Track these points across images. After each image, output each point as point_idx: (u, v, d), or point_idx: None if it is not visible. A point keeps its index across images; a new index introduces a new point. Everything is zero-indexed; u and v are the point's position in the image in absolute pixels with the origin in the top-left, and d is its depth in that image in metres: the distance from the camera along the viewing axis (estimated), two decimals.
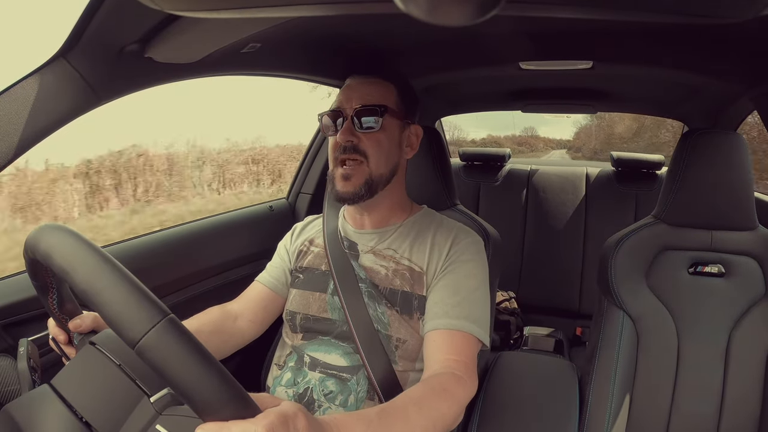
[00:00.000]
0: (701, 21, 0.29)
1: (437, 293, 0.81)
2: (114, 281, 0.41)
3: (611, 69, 1.20)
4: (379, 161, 0.83)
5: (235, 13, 0.37)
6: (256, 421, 0.40)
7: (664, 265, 0.99)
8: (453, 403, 0.67)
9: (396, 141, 0.86)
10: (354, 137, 0.82)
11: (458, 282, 0.81)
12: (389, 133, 0.84)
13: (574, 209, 2.05)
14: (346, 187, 0.82)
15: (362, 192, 0.82)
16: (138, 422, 0.49)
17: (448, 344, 0.75)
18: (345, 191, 0.82)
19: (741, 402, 0.92)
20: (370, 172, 0.82)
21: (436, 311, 0.79)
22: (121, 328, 0.39)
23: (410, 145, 0.90)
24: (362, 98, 0.83)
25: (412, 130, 0.89)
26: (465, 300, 0.79)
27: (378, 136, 0.83)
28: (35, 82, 0.64)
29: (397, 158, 0.86)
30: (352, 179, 0.82)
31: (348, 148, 0.82)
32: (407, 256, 0.85)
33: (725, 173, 0.92)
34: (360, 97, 0.83)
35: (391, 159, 0.85)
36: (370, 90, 0.84)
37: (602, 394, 0.95)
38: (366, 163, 0.82)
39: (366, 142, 0.82)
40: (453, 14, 0.23)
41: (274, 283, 0.95)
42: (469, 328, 0.77)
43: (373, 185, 0.83)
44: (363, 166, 0.82)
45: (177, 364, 0.38)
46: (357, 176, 0.82)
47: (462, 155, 2.24)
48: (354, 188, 0.82)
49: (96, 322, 0.63)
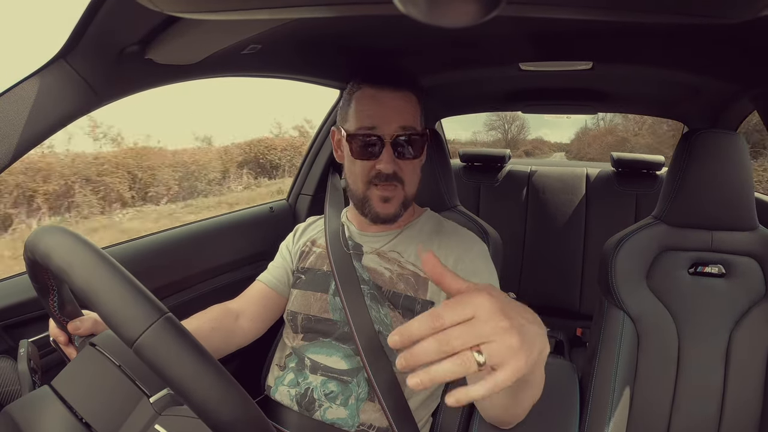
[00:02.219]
0: (701, 21, 0.29)
1: None
2: (112, 280, 0.41)
3: (611, 69, 1.20)
4: (413, 184, 0.84)
5: (235, 14, 0.37)
6: (427, 312, 0.40)
7: (665, 266, 0.99)
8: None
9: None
10: (396, 166, 0.80)
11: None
12: (422, 155, 0.84)
13: (574, 210, 2.05)
14: (387, 209, 0.83)
15: (400, 212, 0.84)
16: (138, 422, 0.49)
17: None
18: (386, 213, 0.83)
19: (741, 402, 0.92)
20: (405, 195, 0.83)
21: None
22: (119, 327, 0.39)
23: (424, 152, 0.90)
24: (401, 120, 0.79)
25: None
26: None
27: (416, 162, 0.83)
28: (35, 84, 0.64)
29: (420, 173, 0.88)
30: (392, 201, 0.82)
31: (390, 176, 0.80)
32: (412, 261, 0.85)
33: (725, 173, 0.91)
34: (398, 118, 0.79)
35: (419, 177, 0.86)
36: (406, 109, 0.80)
37: (603, 394, 0.95)
38: (402, 187, 0.82)
39: (404, 169, 0.81)
40: (452, 15, 0.23)
41: (275, 283, 0.95)
42: None
43: (407, 204, 0.85)
44: (399, 190, 0.82)
45: (174, 362, 0.38)
46: (395, 199, 0.82)
47: (462, 156, 2.24)
48: (395, 210, 0.83)
49: (96, 324, 0.63)
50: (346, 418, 0.79)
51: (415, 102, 0.83)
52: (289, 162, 9.57)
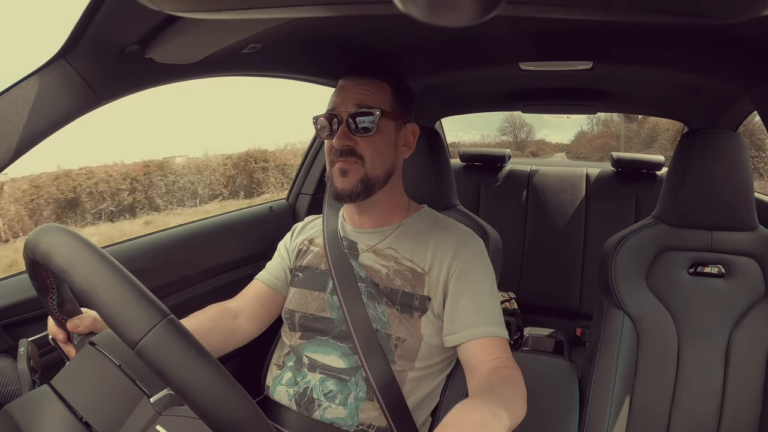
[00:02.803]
0: (701, 21, 0.29)
1: (461, 304, 0.81)
2: (113, 282, 0.41)
3: (611, 69, 1.20)
4: (375, 163, 0.83)
5: (234, 14, 0.37)
6: None
7: (665, 266, 0.99)
8: (521, 382, 0.73)
9: (392, 142, 0.86)
10: (350, 141, 0.82)
11: (477, 288, 0.82)
12: (385, 134, 0.84)
13: (574, 210, 2.05)
14: (344, 183, 0.82)
15: (359, 189, 0.82)
16: (138, 423, 0.49)
17: (489, 350, 0.78)
18: (342, 188, 0.82)
19: (741, 402, 0.92)
20: (365, 172, 0.82)
21: (466, 322, 0.80)
22: (121, 329, 0.39)
23: (407, 144, 0.89)
24: (357, 100, 0.82)
25: (409, 128, 0.89)
26: (487, 305, 0.81)
27: (374, 138, 0.82)
28: (35, 83, 0.64)
29: (393, 159, 0.86)
30: (348, 175, 0.82)
31: (344, 151, 0.82)
32: (409, 257, 0.85)
33: (725, 173, 0.91)
34: (354, 99, 0.83)
35: (386, 160, 0.85)
36: (365, 91, 0.84)
37: (602, 394, 0.95)
38: (362, 164, 0.82)
39: (362, 144, 0.82)
40: (452, 15, 0.23)
41: (273, 282, 0.95)
42: (498, 332, 0.80)
43: (369, 184, 0.83)
44: (357, 166, 0.82)
45: (177, 364, 0.38)
46: (353, 173, 0.82)
47: (462, 156, 2.24)
48: (351, 185, 0.82)
49: (95, 322, 0.63)
50: (345, 417, 0.79)
51: (384, 88, 0.85)
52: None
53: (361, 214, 0.90)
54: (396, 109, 0.86)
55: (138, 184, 6.99)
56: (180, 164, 8.00)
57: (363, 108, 0.82)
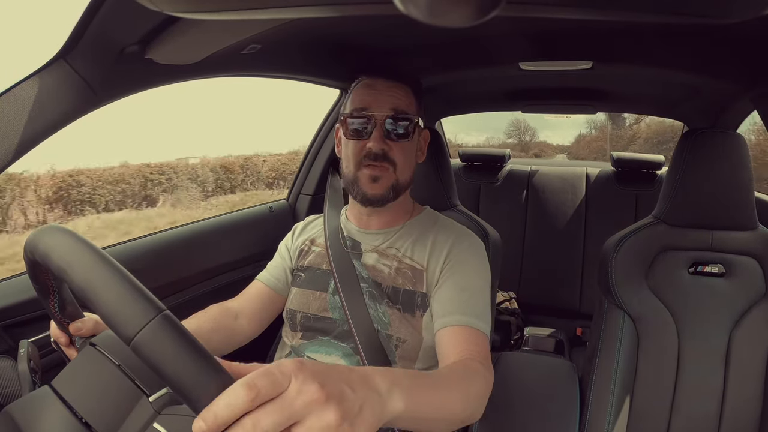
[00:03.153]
0: (701, 21, 0.29)
1: (444, 292, 0.81)
2: (109, 278, 0.41)
3: (611, 69, 1.20)
4: (405, 169, 0.84)
5: (234, 14, 0.37)
6: (235, 382, 0.35)
7: (665, 265, 0.99)
8: (483, 383, 0.66)
9: (417, 148, 0.88)
10: (385, 145, 0.82)
11: (464, 280, 0.81)
12: (414, 141, 0.86)
13: (574, 209, 2.05)
14: (375, 189, 0.83)
15: (390, 196, 0.84)
16: (137, 422, 0.49)
17: (462, 338, 0.75)
18: (374, 193, 0.83)
19: (741, 402, 0.92)
20: (396, 179, 0.83)
21: (446, 309, 0.79)
22: (117, 325, 0.39)
23: (421, 149, 0.91)
24: (392, 104, 0.82)
25: (424, 134, 0.91)
26: (472, 298, 0.80)
27: (407, 145, 0.84)
28: (35, 84, 0.64)
29: (415, 164, 0.88)
30: (380, 182, 0.82)
31: (379, 155, 0.81)
32: (409, 255, 0.86)
33: (725, 173, 0.91)
34: (389, 102, 0.82)
35: (413, 166, 0.87)
36: (399, 95, 0.83)
37: (603, 394, 0.95)
38: (393, 170, 0.83)
39: (395, 150, 0.82)
40: (453, 15, 0.23)
41: (274, 282, 0.95)
42: (477, 324, 0.77)
43: (398, 190, 0.85)
44: (389, 172, 0.83)
45: (172, 359, 0.38)
46: (385, 179, 0.83)
47: (462, 156, 2.24)
48: (383, 190, 0.83)
49: (97, 325, 0.63)
50: None
51: (410, 93, 0.86)
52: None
53: (371, 215, 0.90)
54: (420, 115, 0.87)
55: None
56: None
57: (401, 113, 0.82)
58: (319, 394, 0.35)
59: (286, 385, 0.35)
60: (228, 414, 0.33)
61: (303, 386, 0.35)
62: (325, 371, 0.37)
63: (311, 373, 0.36)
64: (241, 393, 0.33)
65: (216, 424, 0.33)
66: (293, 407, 0.34)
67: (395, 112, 0.82)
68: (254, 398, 0.33)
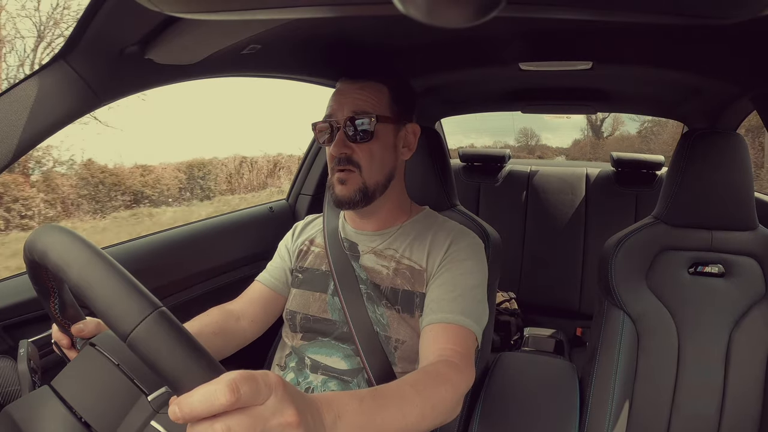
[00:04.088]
0: (701, 21, 0.29)
1: (435, 291, 0.80)
2: (107, 275, 0.41)
3: (611, 69, 1.20)
4: (372, 171, 0.82)
5: (234, 14, 0.37)
6: (219, 379, 0.36)
7: (665, 266, 0.99)
8: (450, 388, 0.64)
9: (390, 146, 0.85)
10: (347, 148, 0.81)
11: (455, 279, 0.80)
12: (382, 140, 0.83)
13: (574, 210, 2.05)
14: (343, 191, 0.82)
15: (357, 198, 0.82)
16: (135, 420, 0.49)
17: (443, 336, 0.74)
18: (341, 195, 0.82)
19: (741, 402, 0.92)
20: (363, 181, 0.82)
21: (432, 307, 0.78)
22: (113, 321, 0.39)
23: (407, 145, 0.88)
24: (353, 105, 0.81)
25: (409, 129, 0.88)
26: (461, 296, 0.78)
27: (370, 146, 0.82)
28: (35, 84, 0.64)
29: (392, 162, 0.85)
30: (347, 184, 0.82)
31: (342, 159, 0.81)
32: (407, 255, 0.85)
33: (725, 173, 0.91)
34: (351, 104, 0.82)
35: (385, 166, 0.84)
36: (362, 95, 0.82)
37: (603, 394, 0.95)
38: (359, 172, 0.82)
39: (359, 152, 0.81)
40: (452, 16, 0.23)
41: (274, 283, 0.95)
42: (463, 322, 0.75)
43: (368, 193, 0.83)
44: (355, 175, 0.82)
45: (167, 355, 0.38)
46: (351, 182, 0.82)
47: (462, 156, 2.24)
48: (349, 193, 0.82)
49: (99, 326, 0.63)
50: None
51: (383, 90, 0.84)
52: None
53: (363, 217, 0.90)
54: (395, 110, 0.85)
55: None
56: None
57: (359, 114, 0.81)
58: (294, 419, 0.37)
59: (266, 397, 0.36)
60: (204, 409, 0.35)
61: (281, 405, 0.36)
62: (298, 397, 0.39)
63: (291, 395, 0.38)
64: (223, 393, 0.35)
65: (191, 415, 0.35)
66: (267, 424, 0.36)
67: (355, 114, 0.81)
68: (234, 402, 0.35)
